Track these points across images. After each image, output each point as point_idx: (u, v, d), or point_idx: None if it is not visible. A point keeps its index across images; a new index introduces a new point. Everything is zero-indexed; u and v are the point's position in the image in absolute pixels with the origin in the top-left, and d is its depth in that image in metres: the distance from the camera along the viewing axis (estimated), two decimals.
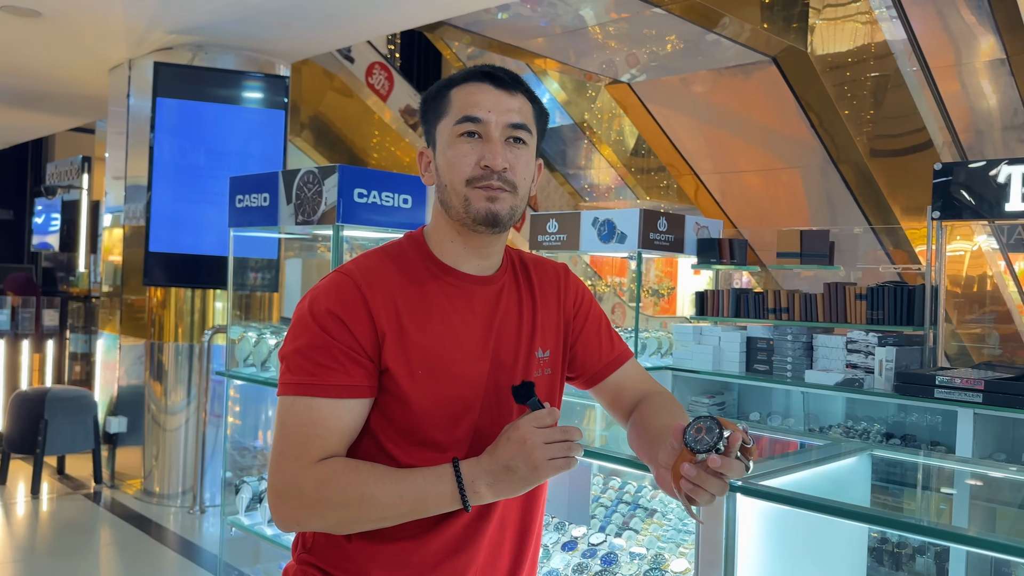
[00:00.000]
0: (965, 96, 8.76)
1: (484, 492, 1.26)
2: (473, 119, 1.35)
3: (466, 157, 1.35)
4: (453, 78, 1.41)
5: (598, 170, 12.24)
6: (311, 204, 3.34)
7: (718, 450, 1.13)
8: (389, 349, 1.33)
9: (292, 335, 1.35)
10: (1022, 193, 3.74)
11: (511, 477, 1.24)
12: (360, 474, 1.28)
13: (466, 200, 1.36)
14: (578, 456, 1.27)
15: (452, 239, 1.41)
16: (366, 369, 1.32)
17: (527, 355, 1.44)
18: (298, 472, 1.28)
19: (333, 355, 1.30)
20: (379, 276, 1.36)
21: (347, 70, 9.52)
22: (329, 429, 1.30)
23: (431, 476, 1.28)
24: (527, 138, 1.39)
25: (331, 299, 1.33)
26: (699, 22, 6.45)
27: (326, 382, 1.29)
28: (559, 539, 2.47)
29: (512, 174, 1.36)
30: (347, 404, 1.31)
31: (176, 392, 5.97)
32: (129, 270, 6.20)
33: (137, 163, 6.07)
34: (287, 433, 1.30)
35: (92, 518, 5.69)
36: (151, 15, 5.25)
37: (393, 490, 1.27)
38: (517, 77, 1.40)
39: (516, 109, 1.37)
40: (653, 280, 13.14)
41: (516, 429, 1.25)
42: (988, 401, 3.62)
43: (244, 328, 4.05)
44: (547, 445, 1.23)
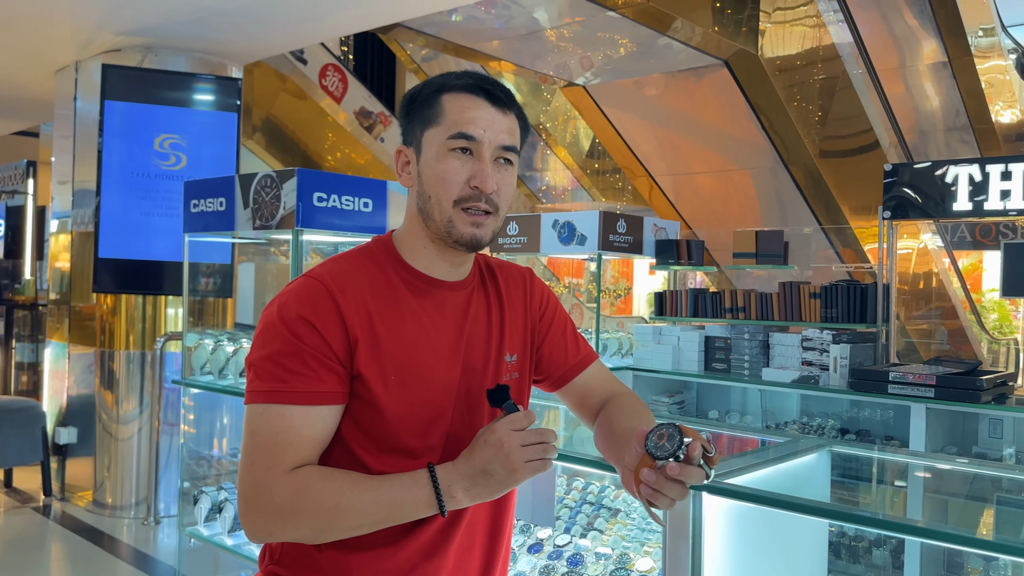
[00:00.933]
0: (909, 98, 8.98)
1: (461, 496, 1.26)
2: (468, 136, 1.34)
3: (457, 174, 1.34)
4: (447, 82, 1.38)
5: (554, 172, 12.29)
6: (269, 208, 3.30)
7: (677, 457, 1.16)
8: (362, 355, 1.31)
9: (261, 341, 1.33)
10: (968, 193, 3.86)
11: (488, 480, 1.24)
12: (335, 482, 1.26)
13: (450, 221, 1.35)
14: (552, 458, 1.27)
15: (426, 246, 1.40)
16: (338, 375, 1.30)
17: (496, 359, 1.45)
18: (271, 482, 1.26)
19: (305, 361, 1.28)
20: (351, 281, 1.35)
21: (300, 72, 9.43)
22: (302, 437, 1.28)
23: (407, 482, 1.27)
24: (514, 159, 1.39)
25: (302, 304, 1.31)
26: (652, 25, 6.50)
27: (298, 389, 1.27)
28: (525, 541, 2.47)
29: (498, 196, 1.36)
30: (320, 411, 1.29)
31: (128, 401, 5.85)
32: (77, 277, 6.05)
33: (85, 167, 5.94)
34: (258, 442, 1.28)
35: (42, 532, 5.55)
36: (98, 17, 5.14)
37: (368, 497, 1.25)
38: (510, 94, 1.39)
39: (508, 129, 1.37)
40: (610, 280, 13.25)
41: (492, 432, 1.25)
42: (940, 396, 3.71)
43: (200, 335, 3.98)
44: (524, 447, 1.23)
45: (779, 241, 4.52)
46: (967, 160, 3.93)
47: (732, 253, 4.71)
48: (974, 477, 2.04)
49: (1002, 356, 9.67)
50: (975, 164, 3.93)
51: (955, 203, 3.95)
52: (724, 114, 7.88)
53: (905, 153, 8.73)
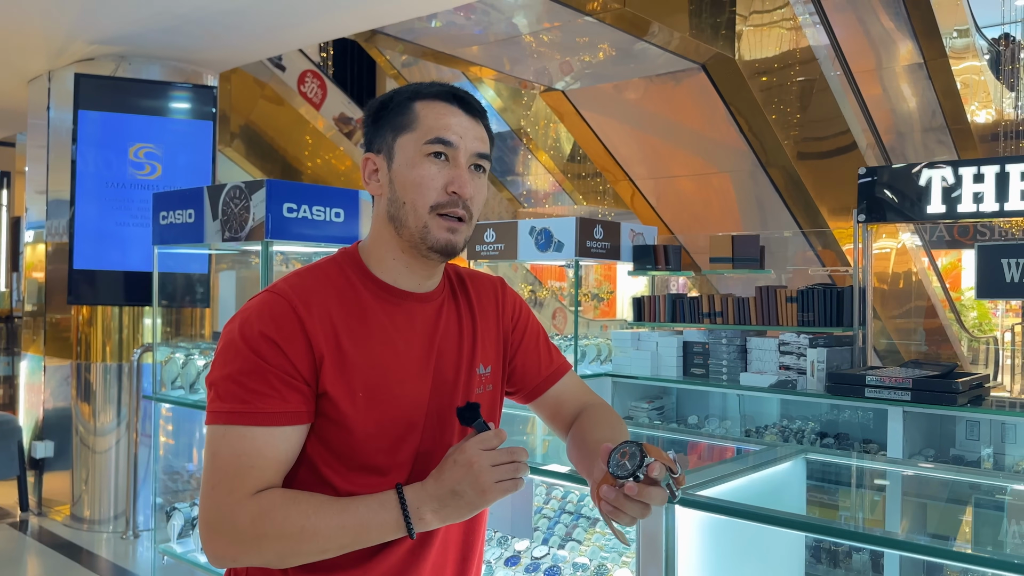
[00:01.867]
0: (886, 99, 9.04)
1: (430, 518, 1.23)
2: (445, 142, 1.32)
3: (434, 180, 1.32)
4: (419, 90, 1.37)
5: (535, 176, 12.30)
6: (238, 220, 3.26)
7: (636, 477, 1.15)
8: (328, 373, 1.28)
9: (221, 360, 1.29)
10: (942, 195, 3.88)
11: (458, 502, 1.21)
12: (299, 506, 1.22)
13: (426, 227, 1.33)
14: (525, 476, 1.24)
15: (395, 256, 1.37)
16: (303, 394, 1.27)
17: (468, 372, 1.42)
18: (233, 506, 1.22)
19: (267, 380, 1.24)
20: (316, 295, 1.31)
21: (278, 78, 9.38)
22: (265, 459, 1.24)
23: (374, 504, 1.23)
24: (487, 166, 1.38)
25: (264, 321, 1.27)
26: (629, 30, 6.51)
27: (261, 409, 1.24)
28: (502, 554, 2.44)
29: (472, 203, 1.35)
30: (283, 432, 1.26)
31: (105, 413, 5.78)
32: (52, 288, 5.98)
33: (59, 177, 5.87)
34: (220, 465, 1.24)
35: (18, 548, 5.47)
36: (71, 26, 5.09)
37: (334, 521, 1.22)
38: (480, 104, 1.40)
39: (482, 137, 1.37)
40: (593, 284, 13.27)
41: (462, 452, 1.22)
42: (916, 399, 3.73)
43: (172, 348, 3.94)
44: (494, 468, 1.20)
45: (755, 245, 4.53)
46: (940, 163, 3.95)
47: (709, 258, 4.71)
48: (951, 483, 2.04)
49: (982, 354, 9.75)
50: (948, 167, 3.96)
51: (929, 205, 3.98)
52: (703, 118, 7.90)
53: (883, 154, 8.79)
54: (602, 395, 5.01)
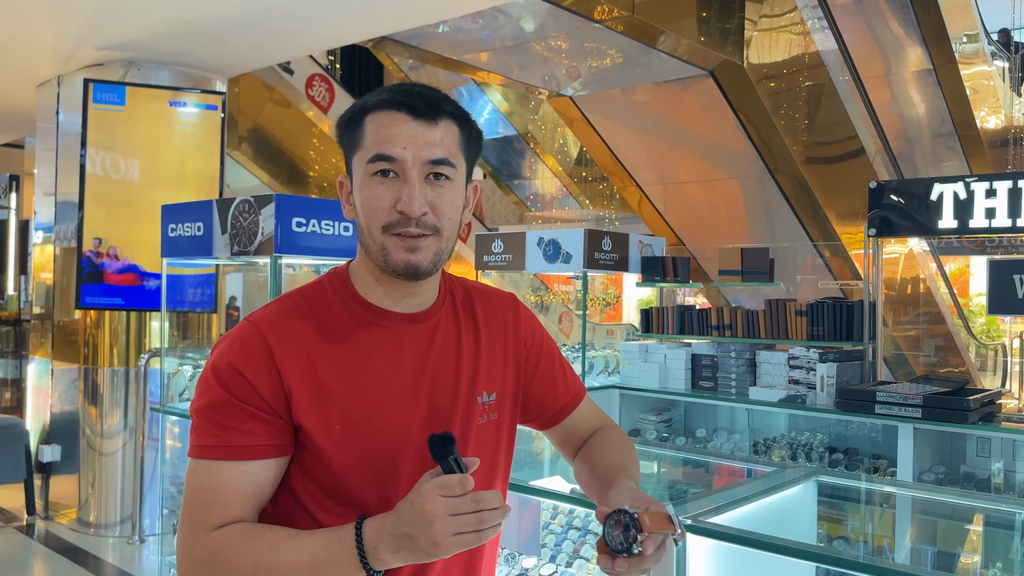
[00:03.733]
0: (895, 105, 9.00)
1: (388, 559, 1.12)
2: (386, 157, 1.22)
3: (381, 200, 1.23)
4: (368, 102, 1.28)
5: (542, 180, 12.29)
6: (247, 234, 3.26)
7: (630, 552, 1.11)
8: (300, 405, 1.22)
9: (198, 391, 1.26)
10: (954, 210, 3.86)
11: (413, 547, 1.10)
12: (254, 542, 1.16)
13: (383, 249, 1.25)
14: (495, 525, 1.10)
15: (377, 278, 1.30)
16: (273, 427, 1.21)
17: (468, 400, 1.32)
18: (195, 540, 1.19)
19: (234, 414, 1.20)
20: (292, 322, 1.25)
21: (286, 82, 9.40)
22: (229, 493, 1.20)
23: (331, 541, 1.14)
24: (451, 172, 1.26)
25: (234, 352, 1.22)
26: (638, 37, 6.50)
27: (226, 443, 1.20)
28: (509, 572, 2.44)
29: (434, 216, 1.24)
30: (249, 466, 1.20)
31: (112, 416, 5.79)
32: (61, 291, 6.00)
33: (68, 180, 5.89)
34: (189, 499, 1.22)
35: (25, 552, 5.48)
36: (80, 32, 5.10)
37: (288, 558, 1.14)
38: (438, 100, 1.26)
39: (437, 142, 1.24)
40: (599, 288, 13.25)
41: (420, 494, 1.09)
42: (927, 416, 3.70)
43: (180, 359, 3.94)
44: (452, 518, 1.07)
45: (764, 258, 4.50)
46: (952, 178, 3.93)
47: (718, 270, 4.69)
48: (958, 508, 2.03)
49: (990, 360, 9.71)
50: (959, 182, 3.94)
51: (940, 220, 3.95)
52: (711, 124, 7.88)
53: (891, 160, 8.75)
54: (610, 407, 5.03)
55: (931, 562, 1.83)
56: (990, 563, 1.96)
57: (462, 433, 1.33)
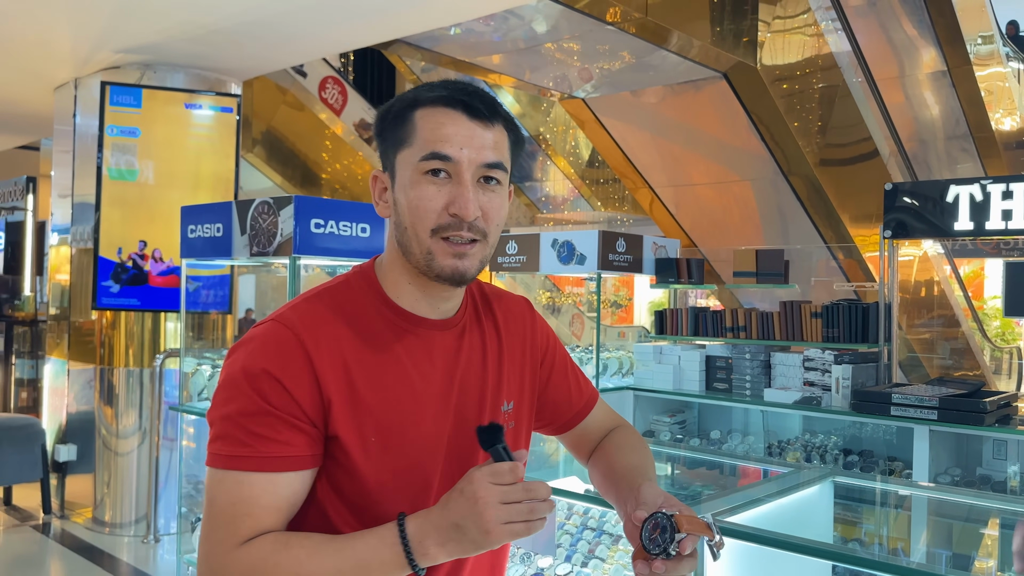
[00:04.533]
0: (909, 107, 8.97)
1: (435, 552, 1.09)
2: (442, 156, 1.17)
3: (432, 201, 1.17)
4: (419, 96, 1.21)
5: (554, 182, 12.30)
6: (266, 235, 3.28)
7: (668, 554, 1.11)
8: (337, 415, 1.16)
9: (223, 397, 1.17)
10: (970, 212, 3.85)
11: (461, 538, 1.07)
12: (291, 551, 1.11)
13: (429, 253, 1.19)
14: (546, 515, 1.09)
15: (410, 281, 1.25)
16: (309, 436, 1.16)
17: (492, 410, 1.30)
18: (224, 556, 1.12)
19: (269, 423, 1.13)
20: (326, 328, 1.19)
21: (300, 85, 9.45)
22: (263, 507, 1.14)
23: (373, 542, 1.11)
24: (502, 177, 1.22)
25: (269, 357, 1.15)
26: (651, 39, 6.51)
27: (261, 453, 1.13)
28: (525, 572, 2.45)
29: (484, 221, 1.20)
30: (285, 478, 1.14)
31: (128, 416, 5.83)
32: (77, 292, 6.05)
33: (84, 182, 5.94)
34: (215, 512, 1.15)
35: (41, 550, 5.52)
36: (97, 35, 5.15)
37: (330, 563, 1.10)
38: (494, 102, 1.22)
39: (492, 144, 1.20)
40: (611, 290, 13.25)
41: (471, 482, 1.07)
42: (942, 418, 3.69)
43: (197, 359, 3.97)
44: (504, 506, 1.05)
45: (779, 260, 4.48)
46: (968, 180, 3.91)
47: (732, 272, 4.68)
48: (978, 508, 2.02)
49: (1005, 364, 9.65)
50: (976, 184, 3.93)
51: (956, 222, 3.94)
52: (724, 125, 7.87)
53: (905, 162, 8.72)
54: (623, 409, 5.04)
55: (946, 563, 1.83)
56: (1006, 566, 1.96)
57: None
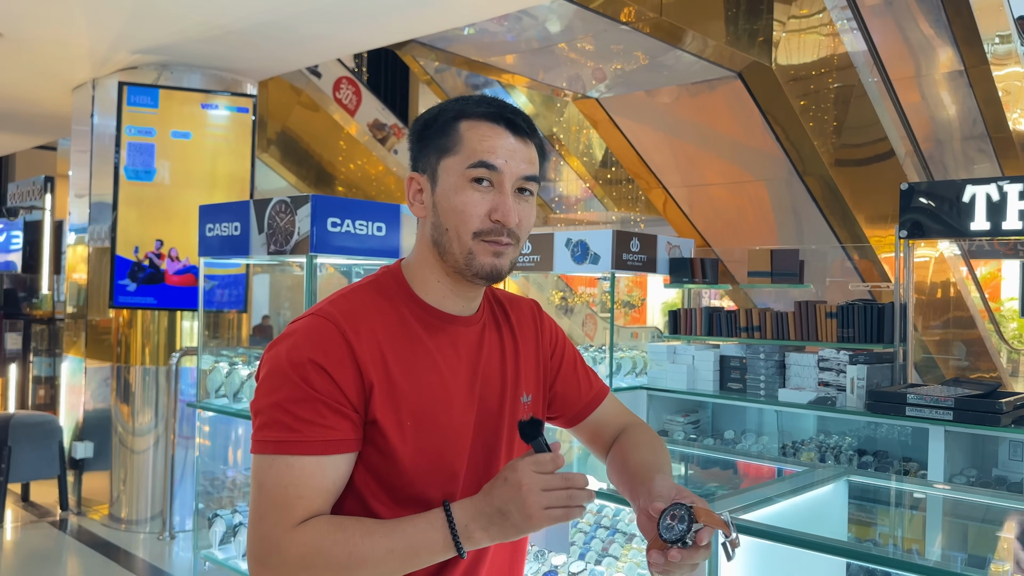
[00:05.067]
0: (925, 107, 8.92)
1: (479, 536, 1.18)
2: (489, 166, 1.28)
3: (477, 207, 1.28)
4: (464, 110, 1.32)
5: (567, 182, 12.29)
6: (283, 234, 3.31)
7: (685, 543, 1.14)
8: (377, 401, 1.25)
9: (268, 386, 1.25)
10: (986, 212, 3.83)
11: (504, 522, 1.16)
12: (346, 533, 1.19)
13: (470, 253, 1.30)
14: (585, 504, 1.17)
15: (440, 279, 1.34)
16: (351, 421, 1.24)
17: (513, 401, 1.38)
18: (279, 537, 1.19)
19: (316, 409, 1.21)
20: (363, 320, 1.28)
21: (314, 85, 9.49)
22: (313, 489, 1.21)
23: (422, 525, 1.20)
24: (535, 189, 1.34)
25: (313, 347, 1.23)
26: (664, 39, 6.50)
27: (309, 438, 1.21)
28: (539, 569, 2.45)
29: (520, 228, 1.32)
30: (332, 460, 1.22)
31: (144, 414, 5.88)
32: (94, 290, 6.10)
33: (102, 182, 5.99)
34: (266, 496, 1.21)
35: (58, 546, 5.58)
36: (115, 36, 5.20)
37: (382, 545, 1.19)
38: (531, 122, 1.35)
39: (530, 159, 1.32)
40: (624, 291, 13.23)
41: (514, 471, 1.16)
42: (958, 419, 3.68)
43: (215, 357, 4.00)
44: (544, 492, 1.14)
45: (794, 260, 4.47)
46: (984, 180, 3.89)
47: (747, 272, 4.67)
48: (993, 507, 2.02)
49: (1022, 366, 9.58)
50: (992, 184, 3.92)
51: (972, 222, 3.93)
52: (738, 125, 7.86)
53: (921, 162, 8.67)
54: (637, 408, 5.04)
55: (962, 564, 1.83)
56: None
57: (508, 433, 1.38)
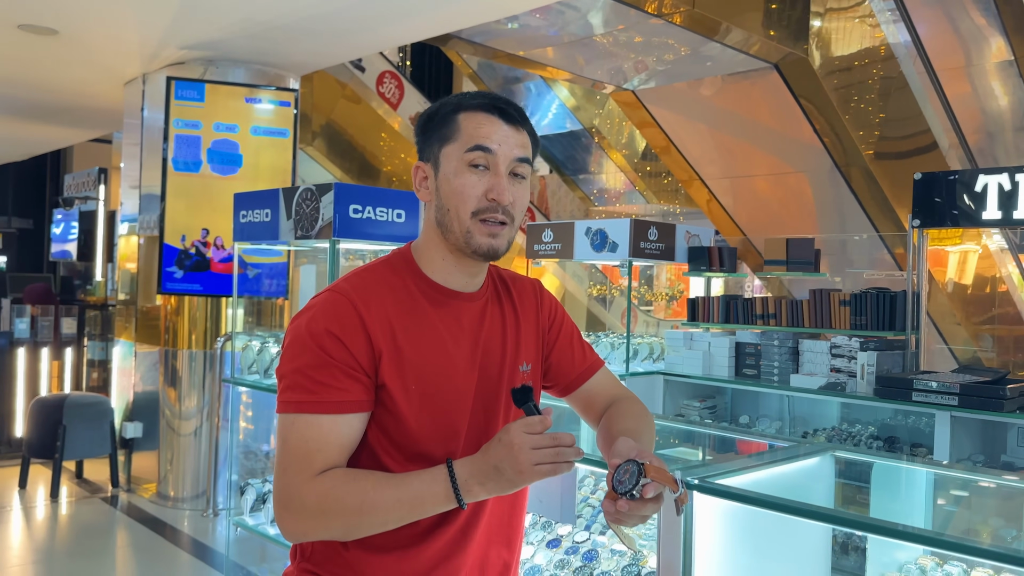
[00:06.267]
0: (975, 98, 8.76)
1: (477, 490, 1.31)
2: (484, 149, 1.41)
3: (474, 188, 1.42)
4: (462, 102, 1.46)
5: (608, 175, 12.31)
6: (309, 220, 3.49)
7: (632, 496, 1.25)
8: (385, 366, 1.39)
9: (290, 354, 1.40)
10: (998, 201, 3.84)
11: (499, 478, 1.29)
12: (359, 482, 1.34)
13: (469, 232, 1.43)
14: (572, 461, 1.29)
15: (444, 257, 1.48)
16: (363, 385, 1.38)
17: (511, 370, 1.52)
18: (301, 485, 1.34)
19: (332, 373, 1.36)
20: (374, 295, 1.42)
21: (358, 79, 9.66)
22: (329, 444, 1.36)
23: (426, 478, 1.33)
24: (527, 172, 1.47)
25: (329, 319, 1.38)
26: (702, 32, 6.53)
27: (326, 399, 1.35)
28: (544, 537, 2.57)
29: (513, 208, 1.44)
30: (346, 419, 1.37)
31: (190, 398, 6.12)
32: (143, 278, 6.36)
33: (151, 174, 6.23)
34: (289, 449, 1.37)
35: (109, 521, 5.84)
36: (163, 33, 5.42)
37: (391, 495, 1.33)
38: (522, 112, 1.48)
39: (521, 144, 1.45)
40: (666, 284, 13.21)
41: (507, 432, 1.29)
42: (963, 404, 3.71)
43: (250, 336, 4.19)
44: (534, 451, 1.26)
45: (809, 248, 4.51)
46: (996, 169, 3.91)
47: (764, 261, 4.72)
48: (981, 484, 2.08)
49: None
50: (1004, 173, 3.94)
51: (984, 212, 3.96)
52: (778, 117, 7.83)
53: (967, 155, 8.53)
54: (654, 393, 5.13)
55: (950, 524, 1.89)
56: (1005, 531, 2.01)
57: (507, 397, 1.52)
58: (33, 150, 11.06)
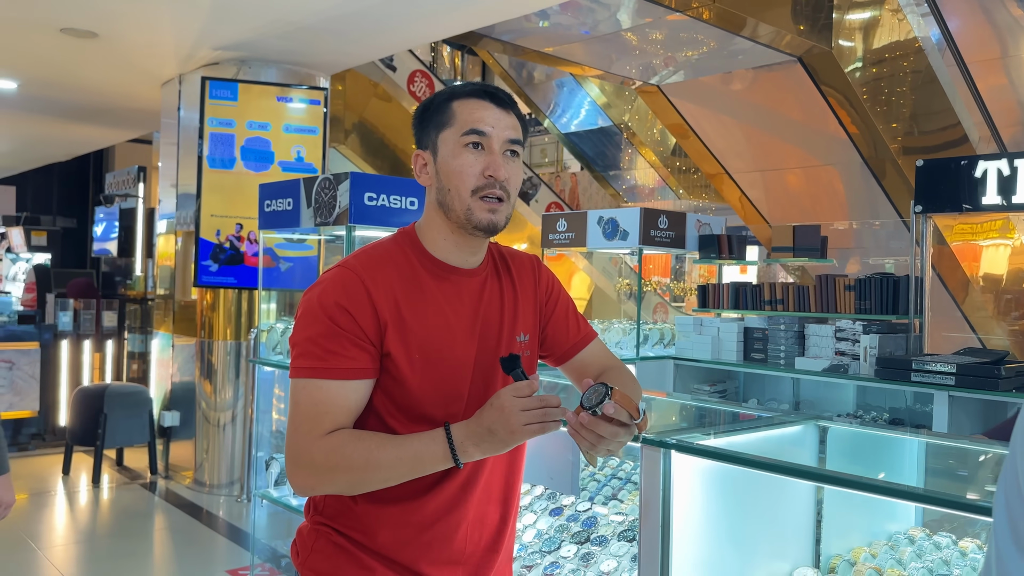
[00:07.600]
0: (1011, 90, 8.67)
1: (472, 451, 1.42)
2: (479, 131, 1.52)
3: (472, 167, 1.52)
4: (455, 91, 1.58)
5: (639, 171, 12.34)
6: (327, 207, 3.65)
7: (595, 412, 1.37)
8: (390, 336, 1.50)
9: (302, 324, 1.52)
10: (997, 187, 3.89)
11: (492, 439, 1.40)
12: (364, 442, 1.45)
13: (469, 209, 1.53)
14: (559, 420, 1.40)
15: (446, 236, 1.58)
16: (369, 353, 1.49)
17: (509, 339, 1.62)
18: (311, 444, 1.46)
19: (340, 343, 1.47)
20: (380, 270, 1.53)
21: (389, 79, 9.83)
22: (337, 406, 1.47)
23: (426, 439, 1.45)
24: (519, 151, 1.58)
25: (338, 292, 1.49)
26: (728, 27, 6.58)
27: (335, 366, 1.46)
28: (548, 506, 2.69)
29: (509, 184, 1.55)
30: (353, 384, 1.48)
31: (225, 389, 6.32)
32: (180, 272, 6.58)
33: (187, 172, 6.44)
34: (301, 411, 1.48)
35: (148, 506, 6.07)
36: (198, 34, 5.61)
37: (393, 454, 1.44)
38: (511, 97, 1.59)
39: (513, 126, 1.56)
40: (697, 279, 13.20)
41: (498, 397, 1.40)
42: (960, 384, 3.77)
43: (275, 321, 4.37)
44: (523, 412, 1.37)
45: (816, 235, 4.58)
46: (996, 155, 3.95)
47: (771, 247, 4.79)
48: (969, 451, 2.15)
49: None
50: (1003, 159, 3.99)
51: (984, 197, 4.02)
52: (806, 111, 7.84)
53: (1000, 147, 8.45)
54: (664, 377, 5.24)
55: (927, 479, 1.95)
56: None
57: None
58: (76, 150, 11.41)
